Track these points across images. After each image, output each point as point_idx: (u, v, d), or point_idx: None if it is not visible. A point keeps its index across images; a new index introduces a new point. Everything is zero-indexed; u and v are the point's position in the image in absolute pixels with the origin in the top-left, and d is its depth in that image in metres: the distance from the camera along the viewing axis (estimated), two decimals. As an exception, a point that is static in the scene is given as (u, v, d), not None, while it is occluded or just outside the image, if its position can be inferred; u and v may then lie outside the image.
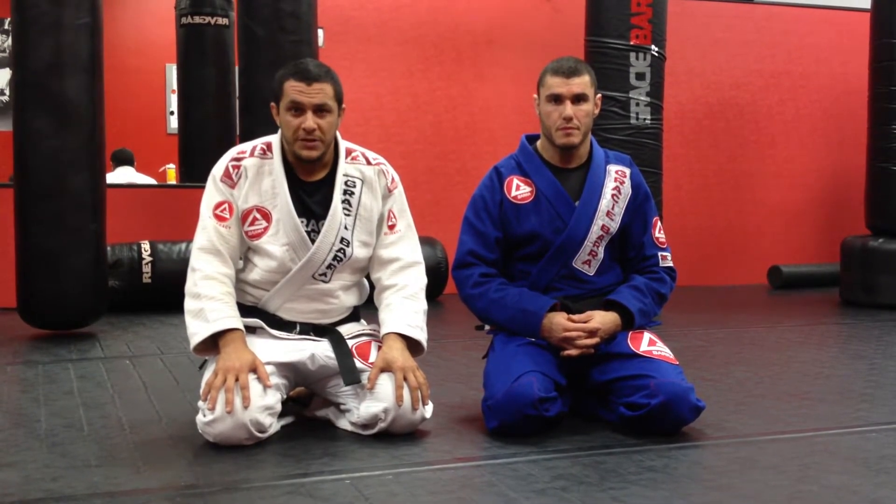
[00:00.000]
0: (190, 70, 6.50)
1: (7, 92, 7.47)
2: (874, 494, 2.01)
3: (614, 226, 2.61)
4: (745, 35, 6.97)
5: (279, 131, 2.53)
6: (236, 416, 2.26)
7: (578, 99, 2.56)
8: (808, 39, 7.11)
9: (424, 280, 2.61)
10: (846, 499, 1.98)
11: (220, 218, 2.46)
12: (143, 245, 5.12)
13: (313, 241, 2.47)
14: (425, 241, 5.54)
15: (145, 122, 8.34)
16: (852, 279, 5.63)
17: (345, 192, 2.51)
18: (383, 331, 2.50)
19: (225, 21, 6.42)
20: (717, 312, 5.29)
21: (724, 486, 2.02)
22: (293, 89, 2.43)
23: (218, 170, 2.51)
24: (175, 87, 7.19)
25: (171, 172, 7.37)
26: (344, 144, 2.57)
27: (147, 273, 5.04)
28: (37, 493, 1.97)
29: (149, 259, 5.06)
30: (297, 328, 2.52)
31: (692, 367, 3.38)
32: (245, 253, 2.54)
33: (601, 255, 2.61)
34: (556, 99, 2.56)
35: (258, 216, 2.48)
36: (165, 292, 5.05)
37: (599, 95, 2.69)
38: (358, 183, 2.54)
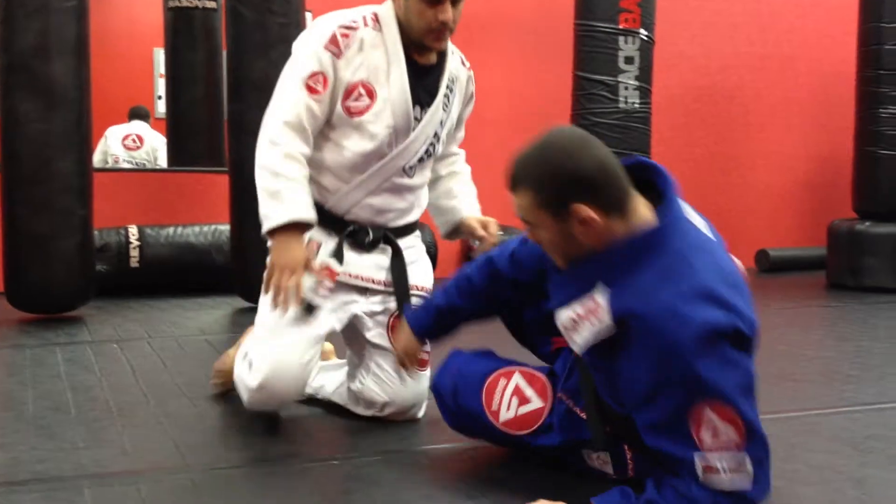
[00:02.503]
0: (178, 54, 6.47)
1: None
2: (858, 474, 2.03)
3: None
4: (734, 18, 6.96)
5: (386, 3, 2.34)
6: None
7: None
8: (796, 23, 7.11)
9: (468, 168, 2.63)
10: (830, 478, 2.00)
11: (312, 90, 2.24)
12: (130, 229, 5.09)
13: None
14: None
15: (133, 106, 8.29)
16: (839, 262, 5.66)
17: (447, 87, 2.38)
18: (459, 215, 2.51)
19: (213, 4, 6.39)
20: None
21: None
22: None
23: (319, 36, 2.27)
24: (163, 71, 7.16)
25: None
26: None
27: (135, 257, 5.02)
28: (24, 474, 1.97)
29: (137, 243, 5.04)
30: (370, 236, 2.36)
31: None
32: (328, 134, 2.32)
33: None
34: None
35: (363, 92, 2.28)
36: (153, 276, 5.05)
37: None
38: (455, 81, 2.43)
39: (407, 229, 2.45)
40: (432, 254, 5.59)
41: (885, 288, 5.36)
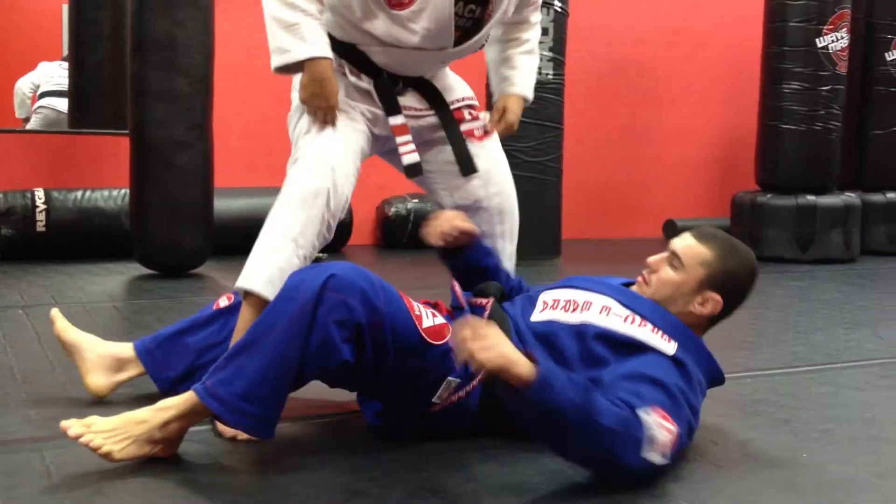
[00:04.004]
0: (83, 12, 6.29)
1: None
2: (744, 436, 2.14)
3: None
4: (648, -8, 7.09)
5: None
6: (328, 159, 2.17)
7: None
8: (707, -1, 7.28)
9: (539, 33, 2.60)
10: (719, 439, 2.10)
11: None
12: (36, 192, 4.98)
13: (457, 28, 2.24)
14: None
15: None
16: (741, 233, 5.85)
17: None
18: (507, 89, 2.51)
19: (119, -40, 6.21)
20: (613, 264, 5.45)
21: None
22: None
23: None
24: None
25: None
26: None
27: (41, 221, 4.92)
28: (-76, 442, 1.95)
29: (43, 207, 4.93)
30: (400, 84, 2.35)
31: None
32: (379, 10, 2.22)
33: None
34: None
35: None
36: (60, 241, 4.96)
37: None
38: None
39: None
40: (347, 221, 5.60)
41: (784, 258, 5.59)
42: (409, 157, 2.33)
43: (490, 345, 1.58)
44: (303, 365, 1.74)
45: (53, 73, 6.56)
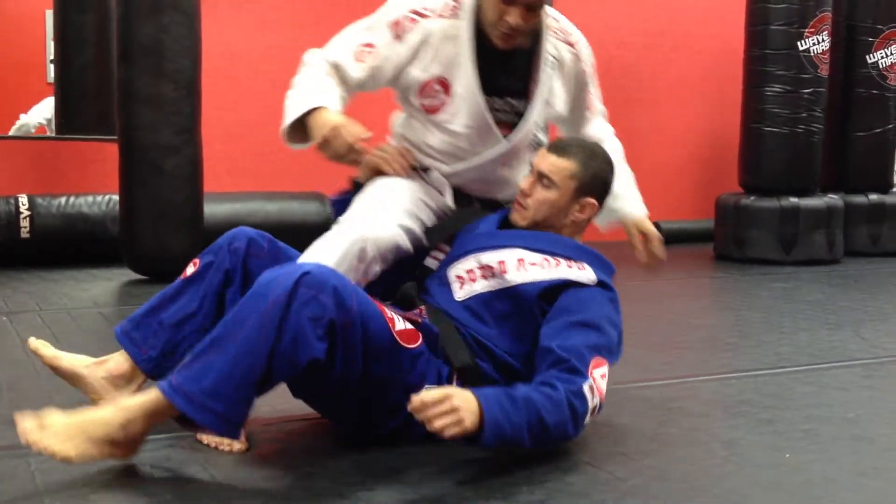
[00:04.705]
0: (68, 16, 6.27)
1: None
2: (728, 435, 2.16)
3: None
4: (631, -5, 7.12)
5: None
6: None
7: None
8: (690, 1, 7.31)
9: (621, 147, 2.51)
10: (703, 439, 2.12)
11: (358, 58, 2.19)
12: (20, 199, 4.96)
13: (500, 122, 2.24)
14: (312, 197, 5.54)
15: (24, 70, 7.99)
16: (725, 235, 5.89)
17: (546, 71, 2.26)
18: (624, 211, 2.48)
19: (104, -36, 6.20)
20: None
21: (587, 433, 2.10)
22: None
23: (390, 11, 2.21)
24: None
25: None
26: (548, 12, 2.27)
27: (25, 228, 4.89)
28: None
29: (27, 213, 4.91)
30: (477, 205, 2.33)
31: (570, 320, 3.50)
32: (424, 120, 2.27)
33: None
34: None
35: (438, 88, 2.20)
36: (45, 247, 4.93)
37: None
38: (558, 64, 2.29)
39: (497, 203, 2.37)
40: (331, 224, 5.58)
41: (768, 259, 5.62)
42: (431, 261, 2.26)
43: (444, 411, 1.67)
44: (272, 360, 1.69)
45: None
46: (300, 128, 2.15)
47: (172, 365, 1.85)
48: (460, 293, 2.07)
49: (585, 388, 1.85)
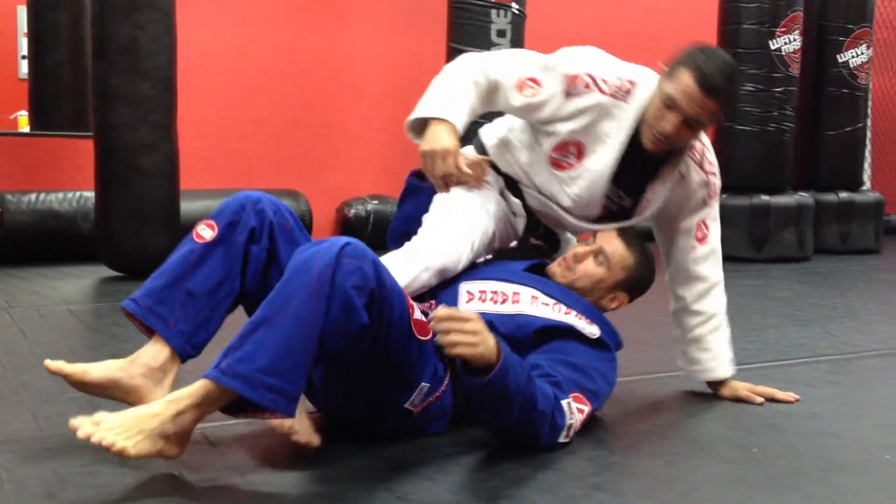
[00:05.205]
0: (41, 12, 6.22)
1: None
2: (695, 430, 2.18)
3: None
4: (605, -6, 7.16)
5: (657, 76, 2.21)
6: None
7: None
8: (661, 2, 7.36)
9: (725, 300, 2.47)
10: (670, 434, 2.15)
11: (519, 88, 2.18)
12: (-10, 195, 4.92)
13: (605, 206, 2.29)
14: (288, 194, 5.54)
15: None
16: (698, 232, 5.92)
17: (663, 184, 2.28)
18: (715, 374, 2.43)
19: (77, -40, 6.15)
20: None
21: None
22: (683, 89, 2.10)
23: (573, 63, 2.19)
24: (27, 30, 6.85)
25: (24, 119, 7.05)
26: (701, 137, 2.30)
27: (-5, 224, 4.86)
28: None
29: (-3, 210, 4.88)
30: (541, 229, 2.40)
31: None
32: (543, 162, 2.28)
33: None
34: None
35: (574, 150, 2.22)
36: (14, 244, 4.90)
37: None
38: (682, 181, 2.30)
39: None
40: (307, 221, 5.59)
41: (739, 257, 5.67)
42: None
43: (466, 330, 1.67)
44: (325, 333, 1.67)
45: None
46: (423, 120, 2.15)
47: (206, 338, 1.91)
48: (464, 307, 2.07)
49: (564, 404, 1.89)
